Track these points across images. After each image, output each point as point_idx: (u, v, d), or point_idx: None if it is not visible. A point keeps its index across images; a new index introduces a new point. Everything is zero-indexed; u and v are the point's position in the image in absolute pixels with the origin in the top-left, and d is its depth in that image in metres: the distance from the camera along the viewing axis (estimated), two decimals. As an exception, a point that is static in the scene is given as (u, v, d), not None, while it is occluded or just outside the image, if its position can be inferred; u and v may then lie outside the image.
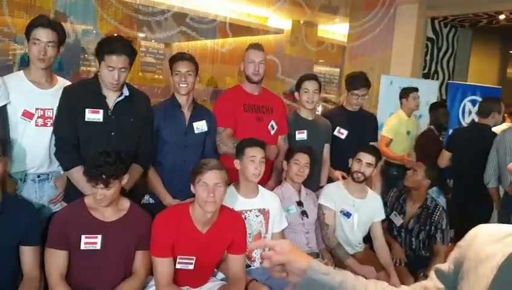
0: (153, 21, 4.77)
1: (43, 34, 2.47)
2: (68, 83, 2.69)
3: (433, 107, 4.82)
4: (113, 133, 2.52)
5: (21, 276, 2.22)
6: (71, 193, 2.49)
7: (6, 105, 2.46)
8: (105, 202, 2.22)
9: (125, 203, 2.36)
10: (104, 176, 2.15)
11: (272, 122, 3.21)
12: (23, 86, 2.51)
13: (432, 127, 4.70)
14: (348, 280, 1.14)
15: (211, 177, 2.28)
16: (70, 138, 2.49)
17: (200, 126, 2.91)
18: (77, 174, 2.45)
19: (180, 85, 2.82)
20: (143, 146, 2.68)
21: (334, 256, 3.02)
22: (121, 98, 2.58)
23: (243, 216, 2.68)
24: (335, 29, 7.81)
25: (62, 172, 2.61)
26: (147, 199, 2.87)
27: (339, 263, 2.97)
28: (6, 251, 2.16)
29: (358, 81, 3.58)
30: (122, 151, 2.29)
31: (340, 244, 3.05)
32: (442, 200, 4.21)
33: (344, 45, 7.08)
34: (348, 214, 3.13)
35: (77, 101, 2.50)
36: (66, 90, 2.56)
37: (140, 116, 2.65)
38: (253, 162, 2.69)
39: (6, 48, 4.80)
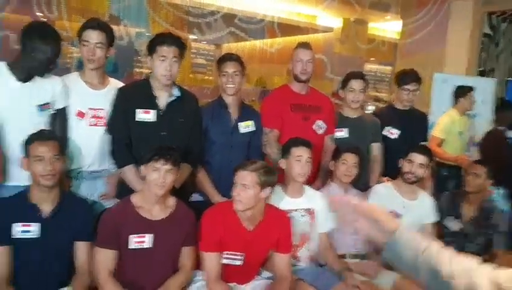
0: (203, 22, 4.86)
1: (92, 36, 2.58)
2: (120, 84, 2.79)
3: (502, 107, 4.62)
4: (163, 133, 2.59)
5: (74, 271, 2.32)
6: (123, 190, 2.57)
7: (67, 106, 2.59)
8: (162, 190, 2.26)
9: (171, 201, 2.41)
10: (173, 156, 2.25)
11: (318, 121, 3.19)
12: (78, 87, 2.64)
13: (502, 128, 4.49)
14: (432, 247, 1.16)
15: (239, 177, 2.32)
16: (123, 138, 2.59)
17: (247, 126, 2.94)
18: (129, 172, 2.55)
19: (228, 86, 2.86)
20: (192, 146, 2.74)
21: (382, 258, 2.96)
22: (172, 98, 2.65)
23: (288, 215, 2.69)
24: (386, 27, 7.64)
25: (113, 170, 2.71)
26: (195, 196, 2.93)
27: (386, 265, 2.92)
28: (64, 246, 2.27)
29: (408, 76, 3.50)
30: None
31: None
32: (507, 205, 4.00)
33: (396, 42, 6.92)
34: (397, 215, 3.06)
35: (130, 102, 2.60)
36: (120, 91, 2.66)
37: (190, 116, 2.72)
38: (299, 161, 2.69)
39: (65, 52, 5.03)
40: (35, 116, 2.46)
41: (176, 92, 2.66)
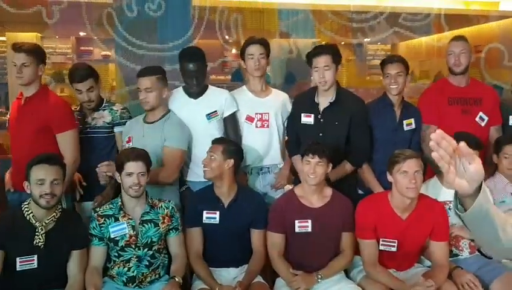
0: (366, 26, 4.99)
1: (255, 49, 3.04)
2: (281, 93, 3.24)
3: None
4: (321, 134, 2.91)
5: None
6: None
7: (235, 112, 3.09)
8: (314, 180, 2.57)
9: (328, 191, 2.72)
10: (320, 150, 2.56)
11: (480, 113, 3.15)
12: (246, 97, 3.14)
13: None
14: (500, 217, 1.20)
15: (410, 165, 2.46)
16: (293, 135, 3.06)
17: (409, 124, 3.08)
18: (297, 162, 2.93)
19: (391, 86, 3.04)
20: (355, 144, 2.97)
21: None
22: (327, 104, 2.94)
23: (447, 207, 2.75)
24: None
25: (280, 166, 3.15)
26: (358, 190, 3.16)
27: None
28: (240, 231, 2.72)
29: None
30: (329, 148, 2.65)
31: None
32: None
33: None
34: None
35: (298, 107, 3.04)
36: (294, 99, 3.15)
37: (346, 118, 2.93)
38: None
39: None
40: (206, 123, 3.01)
41: (332, 98, 2.94)
